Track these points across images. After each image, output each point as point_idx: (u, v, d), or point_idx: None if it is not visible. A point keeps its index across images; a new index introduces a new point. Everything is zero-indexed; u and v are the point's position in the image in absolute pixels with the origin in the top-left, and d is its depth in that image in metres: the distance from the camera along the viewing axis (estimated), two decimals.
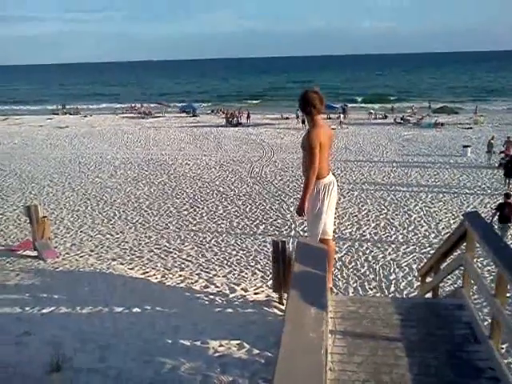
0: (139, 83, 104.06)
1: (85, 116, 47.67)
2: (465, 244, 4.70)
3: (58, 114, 50.24)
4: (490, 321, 4.07)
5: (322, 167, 4.81)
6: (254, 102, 59.88)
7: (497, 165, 20.74)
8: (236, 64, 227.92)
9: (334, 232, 5.44)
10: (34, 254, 9.49)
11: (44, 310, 5.78)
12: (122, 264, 9.92)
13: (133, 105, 52.69)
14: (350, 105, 46.11)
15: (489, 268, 9.67)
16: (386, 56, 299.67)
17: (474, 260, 4.81)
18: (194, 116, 44.81)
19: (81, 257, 10.46)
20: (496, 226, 11.11)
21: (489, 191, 17.03)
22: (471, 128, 32.85)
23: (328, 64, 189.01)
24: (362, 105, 53.13)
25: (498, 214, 11.53)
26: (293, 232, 12.87)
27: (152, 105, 52.27)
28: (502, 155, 20.97)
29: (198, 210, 15.43)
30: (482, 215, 4.83)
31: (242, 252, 11.53)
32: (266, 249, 11.46)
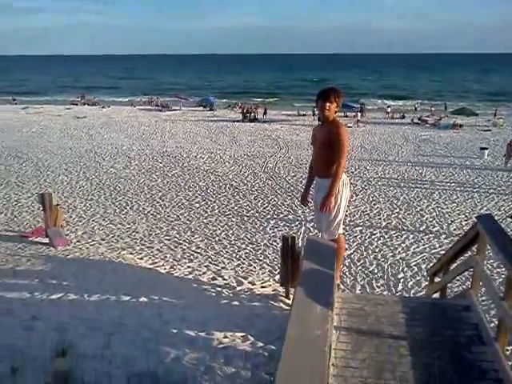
0: (157, 76, 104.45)
1: (103, 107, 48.03)
2: (476, 246, 4.66)
3: (76, 105, 50.72)
4: (496, 323, 4.03)
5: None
6: (272, 98, 59.70)
7: None
8: (254, 59, 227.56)
9: (344, 229, 5.43)
10: (46, 240, 9.60)
11: (52, 296, 5.84)
12: (131, 254, 9.98)
13: (150, 97, 52.95)
14: (367, 103, 45.83)
15: (498, 270, 9.56)
16: (410, 56, 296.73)
17: (484, 262, 4.76)
18: (210, 110, 44.88)
19: (91, 245, 10.55)
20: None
21: (504, 194, 16.80)
22: (490, 130, 32.42)
23: (347, 62, 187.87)
24: (379, 100, 52.72)
25: None
26: (303, 228, 12.84)
27: (169, 98, 52.49)
28: None
29: (209, 203, 15.46)
30: (496, 218, 4.76)
31: (251, 246, 11.53)
32: (275, 244, 11.45)
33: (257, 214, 14.23)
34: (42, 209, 10.80)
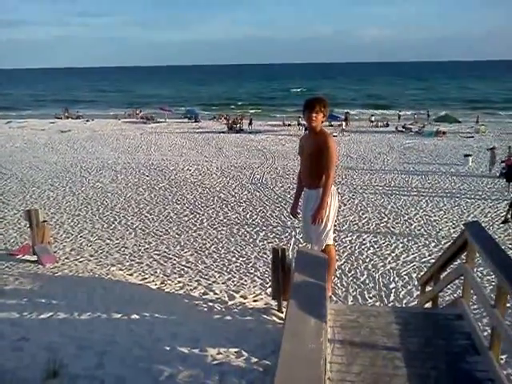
0: (139, 88, 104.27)
1: (87, 120, 47.75)
2: (465, 254, 4.69)
3: (60, 118, 50.32)
4: (489, 331, 4.05)
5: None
6: (256, 109, 59.91)
7: (498, 174, 20.74)
8: (236, 70, 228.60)
9: (334, 240, 5.43)
10: (34, 258, 9.48)
11: (42, 316, 5.75)
12: (121, 270, 9.90)
13: (134, 110, 52.79)
14: (352, 112, 46.19)
15: (488, 278, 9.64)
16: (388, 64, 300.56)
17: (474, 270, 4.79)
18: (195, 122, 44.87)
19: (80, 262, 10.45)
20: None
21: (489, 200, 17.01)
22: (473, 137, 32.88)
23: (329, 71, 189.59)
24: (363, 110, 53.17)
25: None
26: (293, 239, 12.85)
27: (154, 110, 52.38)
28: (503, 165, 20.97)
29: (198, 216, 15.42)
30: (483, 225, 4.81)
31: (241, 259, 11.50)
32: (265, 256, 11.44)
33: (246, 226, 14.22)
34: (28, 225, 10.67)
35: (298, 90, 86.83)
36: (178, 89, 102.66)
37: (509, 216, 14.13)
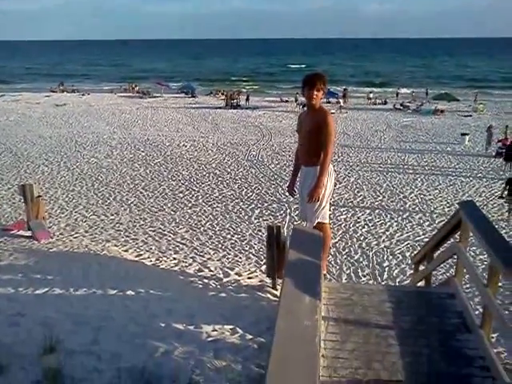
0: (137, 63, 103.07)
1: (82, 94, 47.26)
2: (459, 233, 4.72)
3: (55, 92, 49.79)
4: (481, 310, 4.10)
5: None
6: (254, 85, 59.38)
7: (494, 154, 20.75)
8: (234, 45, 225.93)
9: (329, 217, 5.44)
10: (28, 233, 9.48)
11: (37, 291, 5.78)
12: (116, 246, 9.92)
13: (131, 84, 52.24)
14: (350, 89, 45.84)
15: (481, 257, 9.73)
16: (386, 40, 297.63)
17: (467, 249, 4.83)
18: (192, 97, 44.48)
19: (75, 237, 10.46)
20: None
21: (485, 180, 17.05)
22: (470, 116, 32.77)
23: (327, 47, 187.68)
24: (362, 88, 52.77)
25: None
26: (288, 217, 12.89)
27: (150, 85, 51.87)
28: (500, 144, 20.96)
29: (193, 192, 15.41)
30: (477, 204, 4.83)
31: (236, 236, 11.54)
32: (260, 233, 11.48)
33: (241, 204, 14.23)
34: (23, 201, 10.63)
35: (297, 66, 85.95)
36: (175, 63, 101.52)
37: (505, 194, 14.15)
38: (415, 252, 8.77)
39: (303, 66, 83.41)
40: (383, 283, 8.93)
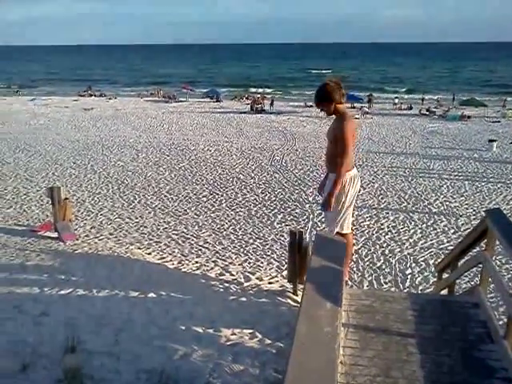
0: (161, 67, 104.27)
1: (109, 99, 48.08)
2: (485, 241, 4.63)
3: (83, 96, 50.79)
4: (505, 320, 4.01)
5: (352, 159, 4.87)
6: (278, 90, 59.45)
7: None
8: (257, 49, 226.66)
9: (352, 224, 5.41)
10: (55, 235, 9.65)
11: (62, 292, 5.89)
12: (139, 248, 10.02)
13: (157, 89, 52.92)
14: (375, 94, 45.50)
15: (507, 266, 9.51)
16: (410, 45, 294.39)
17: (493, 258, 4.73)
18: (217, 101, 44.80)
19: (100, 240, 10.59)
20: None
21: None
22: (499, 122, 32.12)
23: (352, 51, 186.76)
24: (387, 94, 52.29)
25: None
26: (311, 223, 12.83)
27: (176, 89, 52.45)
28: None
29: (217, 196, 15.47)
30: (505, 212, 4.73)
31: (258, 241, 11.54)
32: (282, 238, 11.45)
33: (264, 208, 14.22)
34: (50, 203, 10.84)
35: (321, 71, 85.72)
36: (199, 68, 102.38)
37: None
38: (439, 260, 8.63)
39: (329, 71, 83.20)
40: (405, 291, 8.80)
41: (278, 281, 7.03)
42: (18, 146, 23.63)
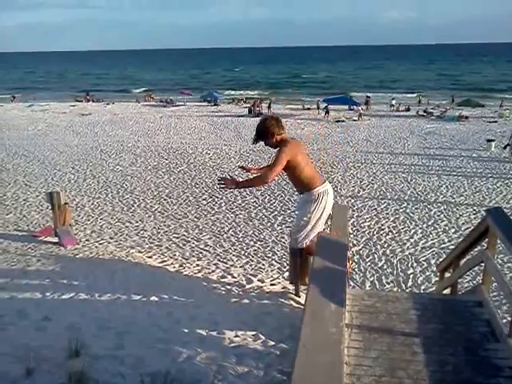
0: (160, 71, 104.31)
1: (107, 104, 48.04)
2: (486, 240, 4.64)
3: (81, 102, 50.77)
4: (509, 319, 4.01)
5: (314, 177, 4.88)
6: (274, 93, 59.53)
7: None
8: (254, 54, 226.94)
9: (353, 225, 5.41)
10: (55, 240, 9.65)
11: (64, 296, 5.88)
12: (140, 252, 10.01)
13: (149, 94, 52.93)
14: (372, 96, 45.56)
15: (509, 265, 9.52)
16: (406, 47, 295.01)
17: (495, 256, 4.74)
18: (215, 105, 44.85)
19: (100, 244, 10.59)
20: None
21: None
22: (496, 122, 32.19)
23: (350, 54, 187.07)
24: (384, 95, 52.34)
25: None
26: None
27: (170, 94, 52.46)
28: None
29: (216, 199, 15.48)
30: (505, 211, 4.74)
31: (259, 243, 11.54)
32: (283, 240, 11.45)
33: (264, 210, 14.23)
34: (50, 208, 10.84)
35: (317, 75, 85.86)
36: (196, 72, 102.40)
37: None
38: (441, 259, 8.64)
39: (326, 75, 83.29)
40: (407, 291, 8.81)
41: (279, 282, 7.03)
42: (16, 151, 23.64)
